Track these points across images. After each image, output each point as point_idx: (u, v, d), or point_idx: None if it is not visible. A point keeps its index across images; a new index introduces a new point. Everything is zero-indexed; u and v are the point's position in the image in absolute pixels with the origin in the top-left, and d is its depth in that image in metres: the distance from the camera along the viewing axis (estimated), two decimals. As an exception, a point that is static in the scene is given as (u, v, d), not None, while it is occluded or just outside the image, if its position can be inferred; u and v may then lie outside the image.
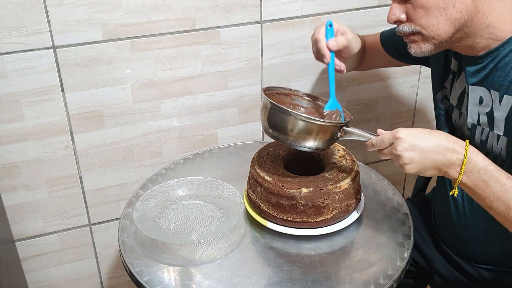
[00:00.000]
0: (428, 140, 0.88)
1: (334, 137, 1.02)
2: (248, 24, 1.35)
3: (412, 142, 0.88)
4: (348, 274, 1.00)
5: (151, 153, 1.42)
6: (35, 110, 1.26)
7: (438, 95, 1.15)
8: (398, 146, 0.88)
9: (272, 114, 1.03)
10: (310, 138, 1.01)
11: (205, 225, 1.10)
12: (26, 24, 1.17)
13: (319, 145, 1.02)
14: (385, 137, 0.91)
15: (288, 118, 1.00)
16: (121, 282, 1.59)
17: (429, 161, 0.88)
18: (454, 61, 1.08)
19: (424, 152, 0.88)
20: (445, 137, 0.89)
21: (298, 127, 1.00)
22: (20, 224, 1.38)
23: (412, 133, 0.88)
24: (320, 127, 0.99)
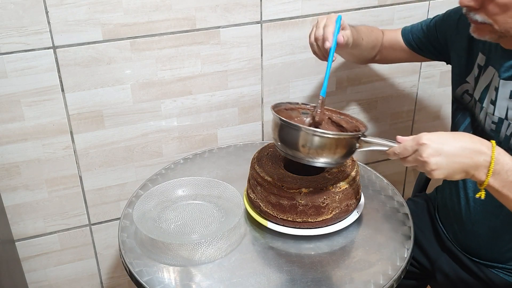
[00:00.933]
0: (453, 144, 0.86)
1: (353, 149, 0.98)
2: (248, 24, 1.35)
3: (437, 147, 0.85)
4: (348, 274, 1.00)
5: (151, 153, 1.42)
6: (35, 110, 1.26)
7: (458, 90, 1.15)
8: (423, 153, 0.85)
9: (286, 132, 0.99)
10: (328, 153, 0.97)
11: (205, 225, 1.10)
12: (26, 24, 1.17)
13: (338, 159, 0.99)
14: (407, 144, 0.88)
15: (302, 135, 0.96)
16: (121, 282, 1.59)
17: (456, 165, 0.86)
18: (482, 56, 1.08)
19: (450, 156, 0.85)
20: (469, 138, 0.87)
21: (314, 144, 0.96)
22: (20, 224, 1.38)
23: (435, 138, 0.86)
24: (336, 140, 0.96)
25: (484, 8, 0.93)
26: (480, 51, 1.09)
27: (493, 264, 1.14)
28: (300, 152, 0.98)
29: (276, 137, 1.03)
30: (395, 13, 1.48)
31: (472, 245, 1.15)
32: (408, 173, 1.78)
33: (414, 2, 1.49)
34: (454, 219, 1.18)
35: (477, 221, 1.11)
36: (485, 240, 1.12)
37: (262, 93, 1.45)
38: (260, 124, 1.50)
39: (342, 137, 0.97)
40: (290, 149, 1.00)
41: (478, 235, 1.13)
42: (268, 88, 1.45)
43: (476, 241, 1.14)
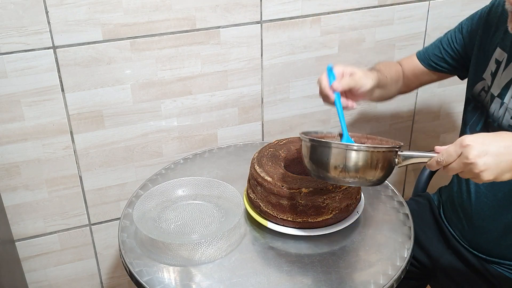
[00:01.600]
0: (497, 143, 0.84)
1: (393, 164, 0.92)
2: (248, 24, 1.35)
3: (482, 148, 0.82)
4: (348, 274, 1.00)
5: (151, 153, 1.42)
6: (35, 110, 1.26)
7: (475, 88, 1.15)
8: (469, 154, 0.82)
9: (320, 153, 0.93)
10: (368, 170, 0.91)
11: (205, 225, 1.10)
12: (26, 24, 1.17)
13: (379, 176, 0.92)
14: (450, 149, 0.85)
15: (339, 153, 0.91)
16: (121, 282, 1.59)
17: (504, 163, 0.83)
18: (501, 51, 1.08)
19: (498, 155, 0.83)
20: (510, 135, 0.85)
21: (352, 161, 0.90)
22: (20, 224, 1.38)
23: (478, 139, 0.83)
24: (375, 155, 0.90)
25: None
26: (500, 46, 1.09)
27: (500, 261, 1.14)
28: (340, 172, 0.91)
29: (309, 162, 0.96)
30: (395, 13, 1.48)
31: (481, 241, 1.16)
32: (408, 173, 1.78)
33: (414, 2, 1.49)
34: (462, 216, 1.19)
35: (488, 216, 1.12)
36: (494, 235, 1.12)
37: (262, 93, 1.45)
38: (260, 124, 1.50)
39: (381, 151, 0.92)
40: (327, 171, 0.93)
41: (487, 231, 1.13)
42: (268, 88, 1.45)
43: (485, 237, 1.14)
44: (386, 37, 1.50)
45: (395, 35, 1.51)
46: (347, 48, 1.47)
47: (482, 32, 1.15)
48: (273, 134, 1.52)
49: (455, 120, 1.70)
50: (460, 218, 1.20)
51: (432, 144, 1.72)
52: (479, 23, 1.17)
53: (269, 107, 1.48)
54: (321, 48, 1.45)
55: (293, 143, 1.19)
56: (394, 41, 1.52)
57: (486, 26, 1.15)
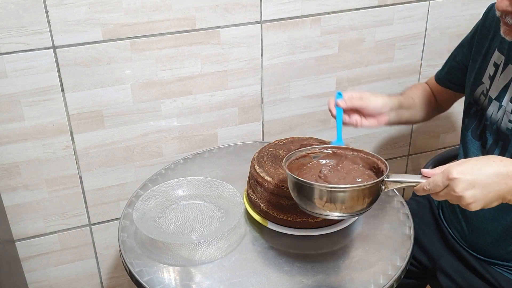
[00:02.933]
0: (485, 172, 0.83)
1: (379, 192, 0.93)
2: (248, 24, 1.35)
3: (469, 179, 0.82)
4: (348, 274, 1.00)
5: (151, 153, 1.42)
6: (35, 110, 1.26)
7: (476, 92, 1.15)
8: (456, 187, 0.82)
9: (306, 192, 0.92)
10: (356, 204, 0.90)
11: (205, 225, 1.10)
12: (26, 24, 1.17)
13: (367, 206, 0.92)
14: (437, 179, 0.85)
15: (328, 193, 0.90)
16: (121, 282, 1.59)
17: (492, 194, 0.83)
18: (499, 54, 1.09)
19: (485, 187, 0.82)
20: (500, 162, 0.84)
21: (339, 199, 0.89)
22: (20, 224, 1.38)
23: (466, 169, 0.83)
24: (362, 191, 0.90)
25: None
26: (498, 49, 1.09)
27: (498, 262, 1.14)
28: (326, 210, 0.91)
29: (296, 197, 0.95)
30: (395, 13, 1.48)
31: (480, 243, 1.16)
32: (408, 173, 1.77)
33: (414, 2, 1.49)
34: (461, 217, 1.18)
35: (486, 218, 1.12)
36: (494, 237, 1.12)
37: (262, 93, 1.45)
38: (260, 124, 1.50)
39: (369, 186, 0.90)
40: (314, 208, 0.93)
41: (487, 233, 1.13)
42: (268, 88, 1.45)
43: (484, 238, 1.14)
44: (386, 37, 1.50)
45: (395, 35, 1.51)
46: (347, 48, 1.47)
47: (479, 38, 1.16)
48: (273, 134, 1.52)
49: (455, 120, 1.70)
50: (459, 219, 1.20)
51: (432, 144, 1.72)
52: (477, 30, 1.18)
53: (269, 107, 1.48)
54: (321, 48, 1.45)
55: (293, 143, 1.19)
56: (394, 41, 1.52)
57: (483, 32, 1.15)
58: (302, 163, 1.02)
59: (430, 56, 1.58)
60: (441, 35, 1.57)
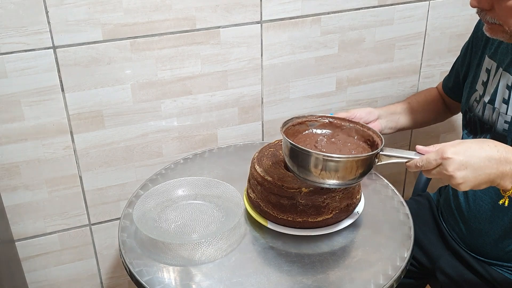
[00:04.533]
0: (478, 155, 0.85)
1: (372, 164, 0.96)
2: (248, 24, 1.35)
3: (462, 160, 0.84)
4: (348, 274, 1.00)
5: (151, 153, 1.42)
6: (35, 110, 1.26)
7: (470, 100, 1.17)
8: (448, 167, 0.84)
9: (303, 160, 0.95)
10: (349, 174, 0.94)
11: (205, 225, 1.10)
12: (26, 24, 1.17)
13: (359, 177, 0.96)
14: (430, 157, 0.87)
15: (321, 161, 0.93)
16: (121, 282, 1.59)
17: (482, 176, 0.85)
18: (489, 60, 1.11)
19: (476, 169, 0.84)
20: (494, 147, 0.86)
21: (332, 168, 0.93)
22: (20, 224, 1.38)
23: (460, 150, 0.85)
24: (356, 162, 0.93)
25: (493, 9, 0.95)
26: (488, 56, 1.11)
27: (497, 262, 1.14)
28: (320, 177, 0.94)
29: (291, 163, 0.99)
30: (395, 13, 1.48)
31: (478, 243, 1.16)
32: (408, 173, 1.78)
33: (414, 2, 1.49)
34: (459, 218, 1.19)
35: (485, 219, 1.12)
36: (492, 238, 1.12)
37: (262, 93, 1.45)
38: (260, 124, 1.50)
39: (363, 158, 0.94)
40: (308, 175, 0.96)
41: (485, 234, 1.13)
42: (268, 88, 1.45)
43: (482, 239, 1.14)
44: (386, 37, 1.50)
45: (395, 35, 1.51)
46: (347, 48, 1.47)
47: (473, 46, 1.18)
48: (273, 134, 1.52)
49: (455, 120, 1.70)
50: (457, 220, 1.20)
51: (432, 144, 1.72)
52: (471, 38, 1.20)
53: (269, 107, 1.48)
54: (321, 48, 1.45)
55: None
56: (394, 41, 1.52)
57: (477, 43, 1.17)
58: (298, 130, 1.06)
59: (430, 56, 1.58)
60: (441, 35, 1.57)
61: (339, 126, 1.07)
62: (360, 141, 1.04)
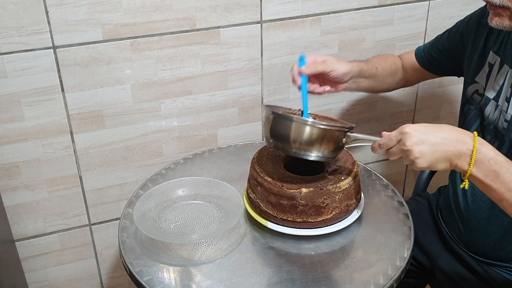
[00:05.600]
0: (436, 133, 0.87)
1: (340, 143, 1.01)
2: (248, 24, 1.35)
3: (420, 136, 0.87)
4: (348, 274, 1.00)
5: (151, 153, 1.42)
6: (35, 110, 1.26)
7: (468, 91, 1.16)
8: (406, 141, 0.87)
9: (275, 123, 1.03)
10: (315, 145, 1.00)
11: (205, 225, 1.10)
12: (26, 24, 1.17)
13: (325, 153, 1.01)
14: (391, 134, 0.91)
15: (292, 125, 0.99)
16: (121, 282, 1.59)
17: (439, 153, 0.87)
18: (493, 54, 1.09)
19: (434, 145, 0.87)
20: (453, 129, 0.89)
21: (303, 134, 0.99)
22: (20, 224, 1.38)
23: (419, 128, 0.88)
24: (323, 131, 0.99)
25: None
26: (492, 49, 1.10)
27: (497, 263, 1.14)
28: (289, 143, 1.01)
29: (266, 130, 1.05)
30: (395, 13, 1.48)
31: (477, 244, 1.16)
32: (408, 173, 1.78)
33: (414, 2, 1.49)
34: (459, 219, 1.18)
35: (484, 219, 1.12)
36: (492, 239, 1.12)
37: (262, 93, 1.45)
38: (260, 124, 1.50)
39: (329, 129, 0.99)
40: (280, 141, 1.03)
41: (484, 234, 1.13)
42: (268, 88, 1.45)
43: (481, 239, 1.14)
44: (386, 37, 1.50)
45: (395, 35, 1.51)
46: (347, 48, 1.47)
47: (475, 35, 1.16)
48: (273, 134, 1.52)
49: (455, 120, 1.69)
50: (456, 221, 1.20)
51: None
52: (472, 26, 1.18)
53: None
54: (321, 48, 1.45)
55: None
56: (394, 41, 1.52)
57: (479, 30, 1.15)
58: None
59: (430, 56, 1.58)
60: (441, 35, 1.57)
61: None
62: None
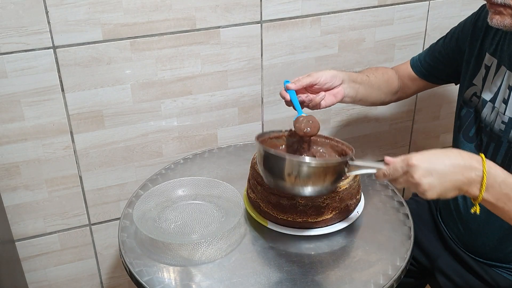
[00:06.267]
0: (443, 162, 0.85)
1: (342, 174, 0.95)
2: (248, 24, 1.35)
3: (427, 167, 0.84)
4: (348, 274, 1.00)
5: (151, 153, 1.42)
6: (35, 110, 1.26)
7: (466, 93, 1.15)
8: (414, 174, 0.84)
9: (273, 163, 0.96)
10: (318, 182, 0.94)
11: (205, 225, 1.10)
12: (26, 24, 1.17)
13: (328, 186, 0.96)
14: (397, 165, 0.87)
15: (289, 165, 0.93)
16: (121, 282, 1.59)
17: (448, 183, 0.85)
18: (490, 56, 1.09)
19: (442, 175, 0.84)
20: (459, 155, 0.87)
21: (302, 173, 0.93)
22: (20, 224, 1.38)
23: (425, 157, 0.85)
24: (325, 169, 0.93)
25: None
26: (488, 51, 1.10)
27: (497, 264, 1.14)
28: (288, 183, 0.94)
29: (262, 168, 1.00)
30: (395, 13, 1.48)
31: (477, 245, 1.15)
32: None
33: (414, 2, 1.49)
34: (458, 220, 1.18)
35: (483, 220, 1.11)
36: (489, 239, 1.12)
37: (262, 93, 1.45)
38: (260, 124, 1.50)
39: (331, 165, 0.94)
40: (277, 180, 0.96)
41: (484, 235, 1.13)
42: (268, 88, 1.45)
43: (481, 241, 1.14)
44: (386, 37, 1.50)
45: (395, 35, 1.51)
46: (347, 48, 1.47)
47: (471, 39, 1.16)
48: (273, 134, 1.52)
49: (455, 120, 1.71)
50: (455, 221, 1.20)
51: (432, 144, 1.72)
52: (468, 30, 1.18)
53: (269, 107, 1.48)
54: (321, 48, 1.45)
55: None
56: (394, 41, 1.52)
57: (475, 32, 1.15)
58: (274, 144, 1.07)
59: (430, 56, 1.58)
60: (441, 35, 1.56)
61: (314, 141, 1.08)
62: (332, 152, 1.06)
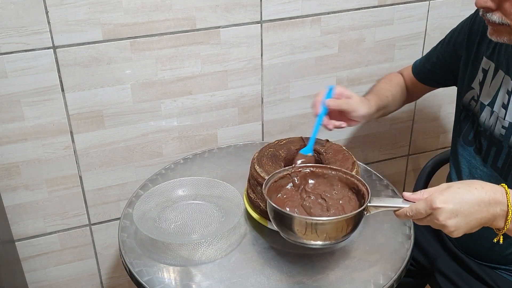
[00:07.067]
0: (467, 200, 0.84)
1: (361, 218, 0.93)
2: (248, 24, 1.35)
3: (452, 208, 0.83)
4: (348, 274, 1.00)
5: (151, 153, 1.42)
6: (35, 110, 1.26)
7: (466, 97, 1.16)
8: (439, 216, 0.83)
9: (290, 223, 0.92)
10: (340, 232, 0.91)
11: (205, 225, 1.10)
12: (26, 24, 1.17)
13: (350, 232, 0.93)
14: (420, 207, 0.85)
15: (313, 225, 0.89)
16: (121, 282, 1.59)
17: (474, 222, 0.85)
18: (487, 60, 1.09)
19: (467, 215, 0.84)
20: (482, 189, 0.85)
21: (328, 229, 0.90)
22: (20, 224, 1.38)
23: (448, 198, 0.83)
24: (345, 221, 0.91)
25: (501, 8, 0.92)
26: (484, 55, 1.10)
27: (495, 265, 1.14)
28: (311, 239, 0.91)
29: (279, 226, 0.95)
30: (395, 13, 1.48)
31: (475, 247, 1.15)
32: (408, 173, 1.78)
33: (414, 2, 1.49)
34: None
35: None
36: (488, 242, 1.12)
37: (262, 93, 1.45)
38: (260, 124, 1.50)
39: (353, 215, 0.91)
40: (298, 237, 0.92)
41: (482, 238, 1.12)
42: (268, 88, 1.45)
43: (480, 243, 1.14)
44: (386, 37, 1.50)
45: (395, 35, 1.51)
46: (347, 48, 1.47)
47: (467, 43, 1.16)
48: (273, 134, 1.52)
49: (455, 120, 1.71)
50: None
51: (432, 144, 1.72)
52: (464, 34, 1.18)
53: (269, 107, 1.48)
54: (321, 48, 1.45)
55: (293, 143, 1.19)
56: (394, 41, 1.52)
57: (471, 37, 1.15)
58: (280, 185, 1.02)
59: (430, 56, 1.58)
60: (441, 35, 1.56)
61: (321, 175, 1.03)
62: (345, 189, 1.01)
